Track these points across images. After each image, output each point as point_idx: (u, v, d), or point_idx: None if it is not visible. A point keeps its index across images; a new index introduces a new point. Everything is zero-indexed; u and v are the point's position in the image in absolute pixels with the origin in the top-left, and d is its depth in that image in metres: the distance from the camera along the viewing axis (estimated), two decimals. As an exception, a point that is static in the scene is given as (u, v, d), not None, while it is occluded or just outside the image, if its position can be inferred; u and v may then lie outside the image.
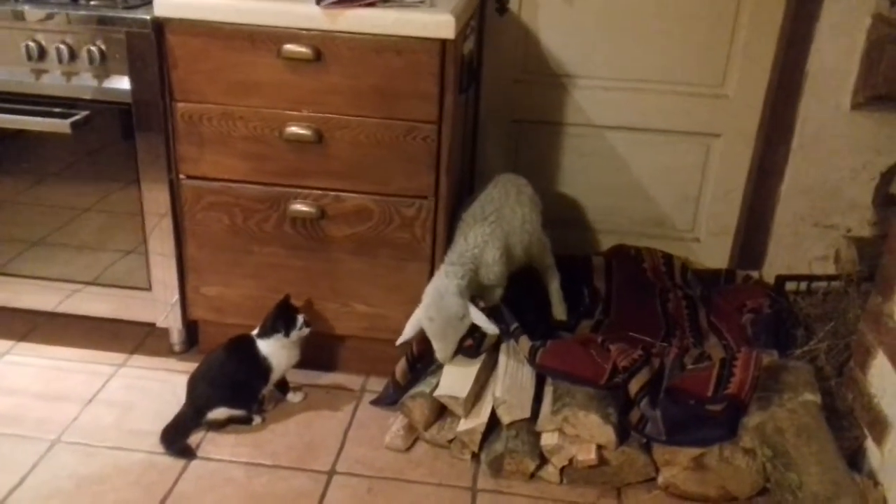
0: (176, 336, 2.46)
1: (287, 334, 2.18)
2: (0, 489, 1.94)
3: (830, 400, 2.11)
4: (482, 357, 2.20)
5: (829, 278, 2.61)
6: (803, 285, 2.62)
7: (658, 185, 2.81)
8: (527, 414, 2.07)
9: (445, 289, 2.12)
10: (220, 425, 2.17)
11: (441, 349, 2.14)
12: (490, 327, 2.14)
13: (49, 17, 2.10)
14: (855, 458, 2.01)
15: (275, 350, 2.18)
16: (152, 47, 2.09)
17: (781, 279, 2.63)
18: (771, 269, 2.73)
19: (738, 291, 2.64)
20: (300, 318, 2.20)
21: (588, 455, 2.00)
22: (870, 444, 1.99)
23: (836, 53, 2.47)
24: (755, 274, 2.76)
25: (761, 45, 2.58)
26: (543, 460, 2.06)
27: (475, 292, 2.21)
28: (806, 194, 2.64)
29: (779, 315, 2.45)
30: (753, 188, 2.77)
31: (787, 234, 2.71)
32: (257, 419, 2.21)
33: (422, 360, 2.23)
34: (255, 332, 2.21)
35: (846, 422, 2.07)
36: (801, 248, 2.71)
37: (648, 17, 2.60)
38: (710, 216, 2.82)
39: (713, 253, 2.86)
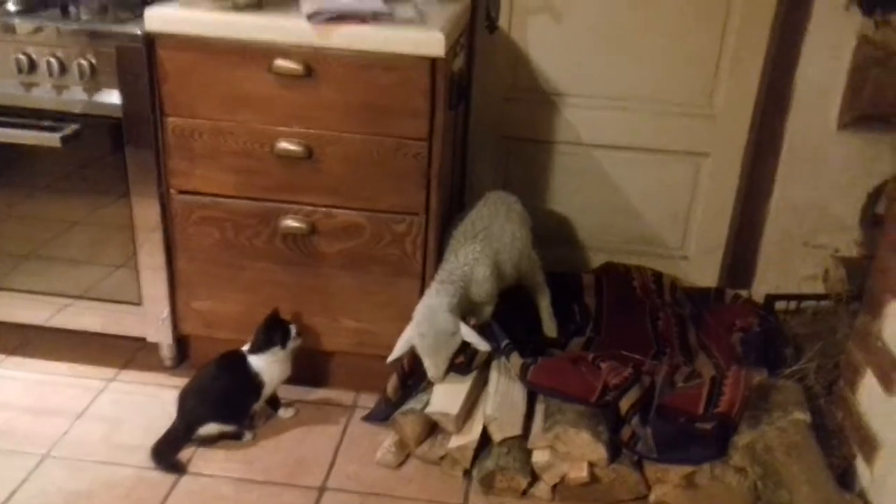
0: (167, 351, 2.45)
1: (284, 346, 2.18)
2: (-13, 505, 1.93)
3: (820, 419, 2.12)
4: (473, 374, 2.20)
5: (819, 297, 2.63)
6: (792, 304, 2.63)
7: (647, 203, 2.82)
8: (518, 431, 2.07)
9: (437, 306, 2.12)
10: (210, 441, 2.16)
11: (432, 366, 2.14)
12: (481, 344, 2.14)
13: (39, 30, 2.10)
14: (845, 477, 2.01)
15: (267, 365, 2.18)
16: (143, 61, 2.09)
17: (771, 298, 2.65)
18: (760, 288, 2.75)
19: (728, 310, 2.65)
20: (293, 329, 2.21)
21: (579, 472, 2.00)
22: (860, 462, 2.00)
23: (823, 74, 2.50)
24: (745, 292, 2.77)
25: (748, 65, 2.60)
26: (535, 477, 2.05)
27: (466, 309, 2.21)
28: (794, 213, 2.66)
29: (768, 334, 2.46)
30: (742, 207, 2.79)
31: (775, 253, 2.73)
32: (248, 435, 2.20)
33: (413, 376, 2.23)
34: (245, 347, 2.20)
35: (836, 441, 2.08)
36: (790, 266, 2.73)
37: (637, 36, 2.61)
38: (700, 234, 2.84)
39: (702, 271, 2.87)
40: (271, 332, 2.19)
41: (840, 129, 2.55)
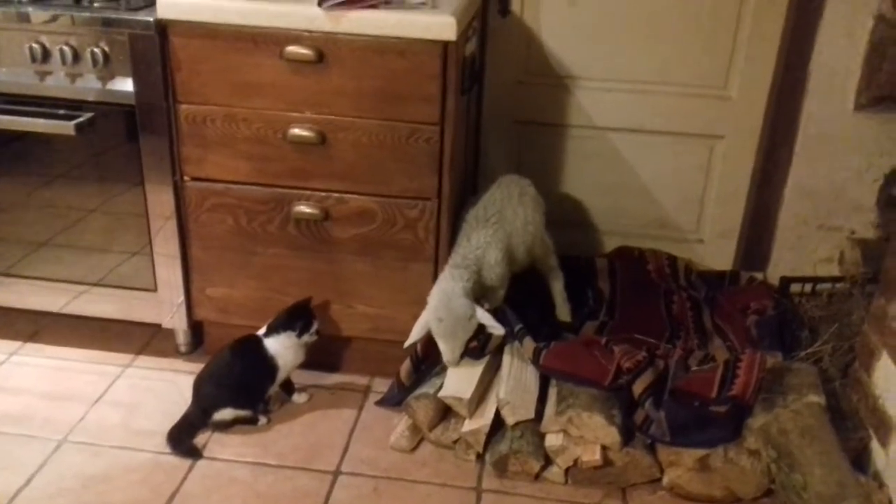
0: (181, 337, 2.47)
1: (300, 335, 2.19)
2: (8, 489, 1.95)
3: (835, 401, 2.11)
4: (486, 358, 2.20)
5: (834, 280, 2.61)
6: (808, 287, 2.61)
7: (661, 186, 2.81)
8: (531, 415, 2.07)
9: (452, 290, 2.12)
10: (226, 426, 2.17)
11: (448, 350, 2.14)
12: (496, 328, 2.14)
13: (53, 18, 2.11)
14: (860, 460, 2.01)
15: (282, 349, 2.19)
16: (155, 49, 2.10)
17: (786, 281, 2.63)
18: (775, 271, 2.73)
19: (743, 293, 2.63)
20: (315, 324, 2.22)
21: (592, 456, 2.00)
22: (875, 445, 1.99)
23: (839, 54, 2.46)
24: (760, 275, 2.75)
25: (764, 46, 2.58)
26: (548, 461, 2.06)
27: (478, 294, 2.21)
28: (810, 196, 2.63)
29: (783, 317, 2.45)
30: (757, 189, 2.77)
31: (791, 236, 2.70)
32: (263, 420, 2.21)
33: (426, 360, 2.24)
34: (261, 331, 2.22)
35: (851, 423, 2.07)
36: (805, 249, 2.70)
37: (651, 19, 2.60)
38: (714, 217, 2.83)
39: (717, 254, 2.86)
40: (293, 318, 2.20)
41: (857, 111, 2.51)
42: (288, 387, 2.29)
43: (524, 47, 2.69)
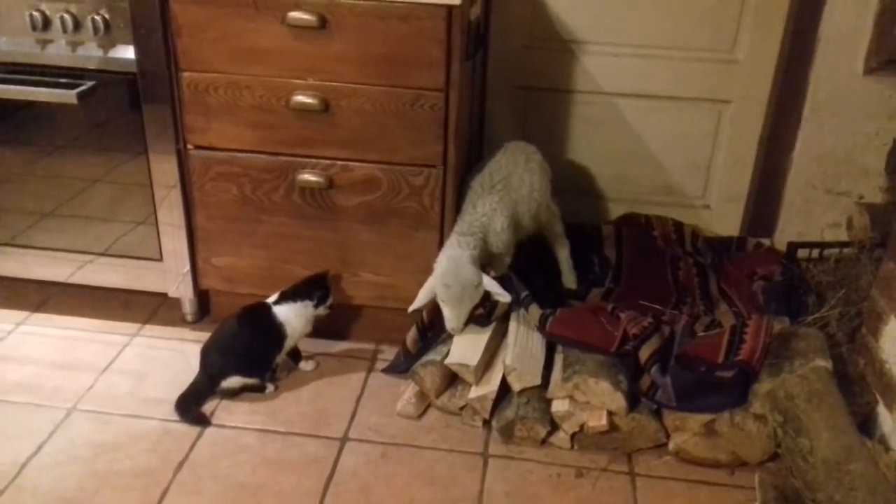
0: (188, 306, 2.47)
1: (317, 305, 2.21)
2: (18, 457, 1.96)
3: (842, 366, 2.11)
4: (493, 325, 2.20)
5: (842, 245, 2.60)
6: (815, 252, 2.60)
7: (668, 152, 2.79)
8: (537, 381, 2.08)
9: (460, 257, 2.12)
10: (233, 393, 2.19)
11: (454, 317, 2.14)
12: (503, 295, 2.14)
13: (53, -14, 2.10)
14: (866, 424, 2.01)
15: (293, 317, 2.19)
16: (156, 15, 2.08)
17: (793, 246, 2.62)
18: (783, 236, 2.72)
19: (750, 258, 2.62)
20: (330, 298, 2.24)
21: (598, 421, 2.01)
22: (881, 409, 1.99)
23: (849, 17, 2.43)
24: (766, 241, 2.74)
25: (772, 9, 2.55)
26: (554, 426, 2.06)
27: (484, 261, 2.21)
28: (818, 161, 2.62)
29: (790, 282, 2.44)
30: (765, 155, 2.75)
31: (798, 201, 2.69)
32: (270, 387, 2.22)
33: (432, 328, 2.24)
34: (270, 299, 2.22)
35: (857, 388, 2.07)
36: (813, 214, 2.69)
37: (658, -19, 2.57)
38: (721, 183, 2.81)
39: (724, 220, 2.85)
40: (312, 288, 2.22)
41: (866, 74, 2.49)
42: (295, 355, 2.29)
43: (530, 11, 2.66)
